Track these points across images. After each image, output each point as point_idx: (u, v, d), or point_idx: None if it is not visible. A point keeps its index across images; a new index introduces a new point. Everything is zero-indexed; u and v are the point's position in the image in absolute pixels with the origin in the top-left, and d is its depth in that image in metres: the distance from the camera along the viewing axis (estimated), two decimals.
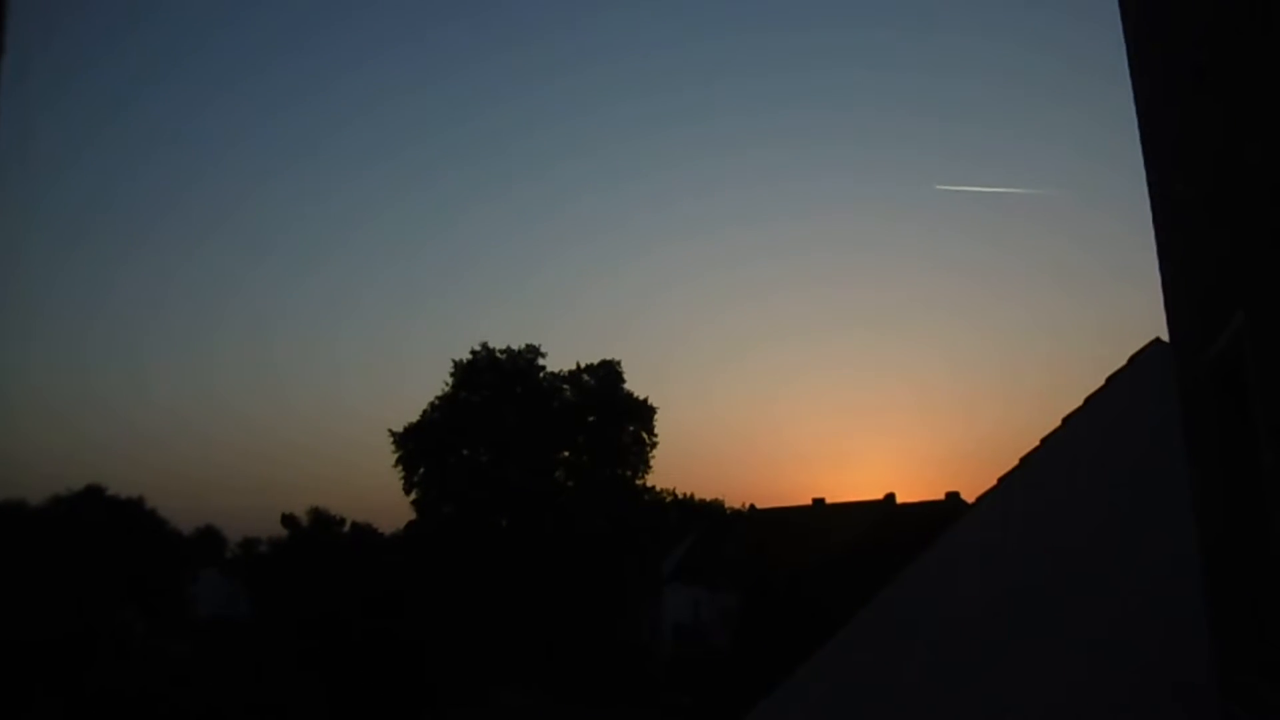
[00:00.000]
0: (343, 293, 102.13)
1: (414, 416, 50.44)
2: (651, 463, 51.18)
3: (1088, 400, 8.17)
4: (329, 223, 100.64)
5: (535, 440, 48.97)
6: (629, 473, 50.90)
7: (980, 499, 8.69)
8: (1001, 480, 8.47)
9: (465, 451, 49.96)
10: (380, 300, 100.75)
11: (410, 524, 52.31)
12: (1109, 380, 8.13)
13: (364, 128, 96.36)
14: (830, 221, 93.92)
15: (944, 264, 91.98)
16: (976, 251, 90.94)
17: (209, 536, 75.61)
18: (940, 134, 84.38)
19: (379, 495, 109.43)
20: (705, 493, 74.20)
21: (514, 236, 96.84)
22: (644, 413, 50.95)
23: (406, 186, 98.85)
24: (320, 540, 61.05)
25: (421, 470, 49.33)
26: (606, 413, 50.44)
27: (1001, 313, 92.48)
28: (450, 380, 50.81)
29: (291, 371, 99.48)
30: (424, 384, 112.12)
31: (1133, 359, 8.06)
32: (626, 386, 51.36)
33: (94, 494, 57.66)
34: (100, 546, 48.28)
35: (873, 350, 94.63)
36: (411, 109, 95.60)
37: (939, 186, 77.45)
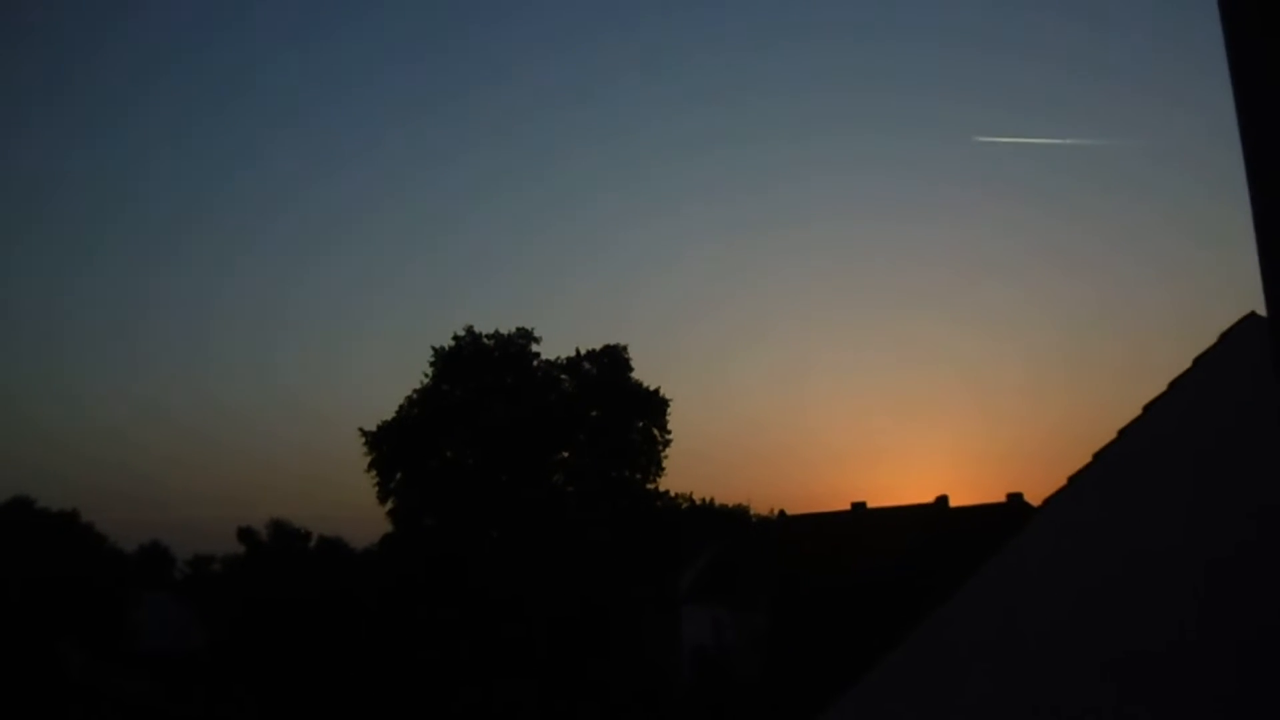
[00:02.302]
0: (301, 272, 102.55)
1: (388, 413, 50.59)
2: (664, 464, 51.22)
3: (1172, 385, 8.15)
4: (276, 189, 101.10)
5: (529, 439, 49.05)
6: (638, 475, 50.95)
7: (1048, 501, 8.70)
8: (1072, 479, 8.47)
9: (448, 453, 50.09)
10: (344, 279, 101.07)
11: (386, 537, 52.51)
12: (1196, 361, 8.12)
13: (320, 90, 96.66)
14: (864, 186, 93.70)
15: (995, 231, 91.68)
16: (1034, 215, 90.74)
17: (155, 554, 76.12)
18: (983, 78, 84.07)
19: (349, 505, 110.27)
20: (727, 498, 74.29)
21: (501, 202, 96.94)
22: (655, 406, 50.96)
23: (365, 144, 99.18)
24: (283, 557, 61.36)
25: (398, 475, 49.47)
26: (612, 406, 50.47)
27: (1066, 287, 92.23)
28: (429, 370, 50.90)
29: (244, 364, 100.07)
30: (399, 375, 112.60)
31: (1224, 336, 8.04)
32: (634, 376, 51.39)
33: (21, 506, 58.04)
34: (30, 566, 48.60)
35: (918, 332, 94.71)
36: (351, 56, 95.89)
37: (979, 139, 77.03)
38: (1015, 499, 40.40)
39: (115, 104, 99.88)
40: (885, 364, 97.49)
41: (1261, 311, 6.85)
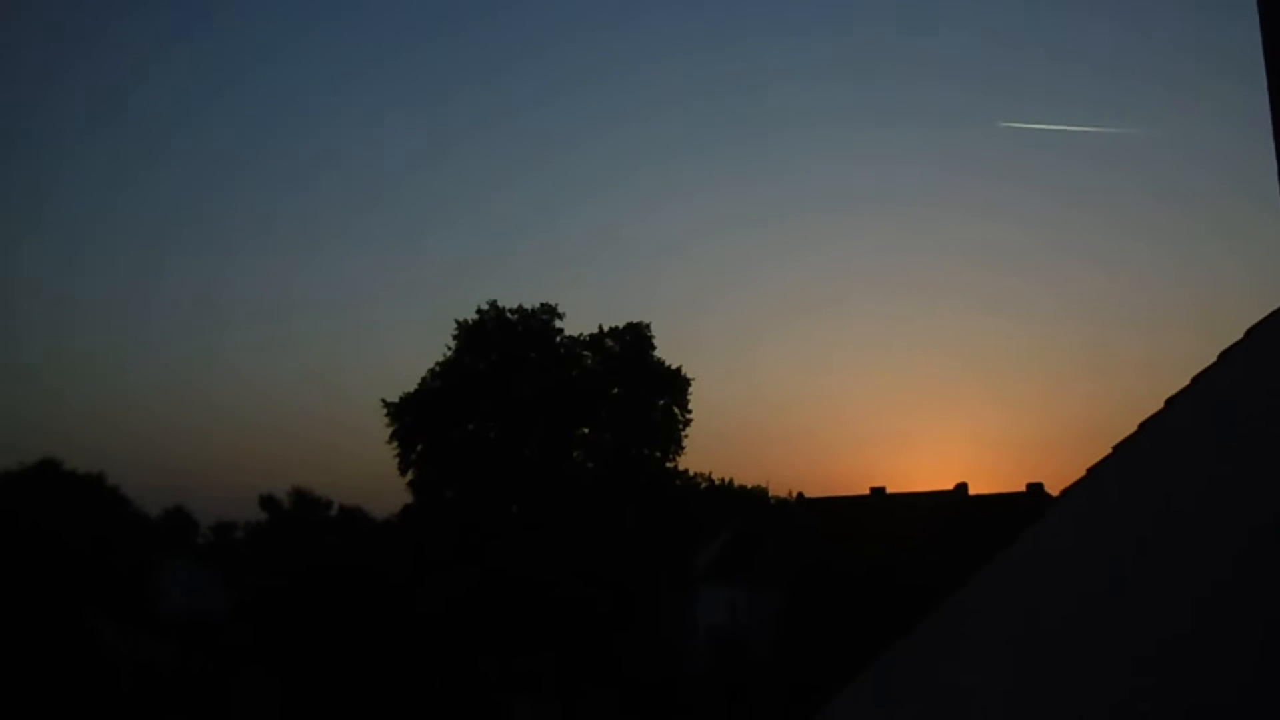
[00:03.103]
0: (327, 245, 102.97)
1: (411, 385, 50.79)
2: (685, 443, 51.26)
3: (1196, 379, 8.09)
4: (303, 159, 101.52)
5: (551, 414, 49.20)
6: (659, 454, 51.03)
7: (1067, 492, 8.68)
8: (1091, 471, 8.44)
9: (470, 426, 50.30)
10: (371, 251, 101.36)
11: (406, 508, 52.88)
12: (1222, 356, 8.05)
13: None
14: (887, 168, 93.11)
15: (1016, 216, 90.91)
16: (1059, 205, 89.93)
17: (178, 519, 76.88)
18: (1003, 63, 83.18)
19: (371, 475, 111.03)
20: (745, 478, 74.35)
21: (527, 176, 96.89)
22: (677, 384, 50.95)
23: (393, 117, 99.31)
24: (304, 525, 61.89)
25: (419, 447, 49.71)
26: (634, 384, 50.50)
27: (1089, 275, 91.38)
28: (453, 344, 51.04)
29: (267, 334, 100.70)
30: (423, 348, 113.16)
31: (1250, 331, 7.97)
32: (657, 354, 51.39)
33: (49, 467, 58.72)
34: (57, 528, 49.19)
35: (940, 317, 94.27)
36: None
37: (1004, 124, 76.29)
38: (1035, 489, 40.37)
39: (125, 83, 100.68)
40: (907, 350, 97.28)
41: None
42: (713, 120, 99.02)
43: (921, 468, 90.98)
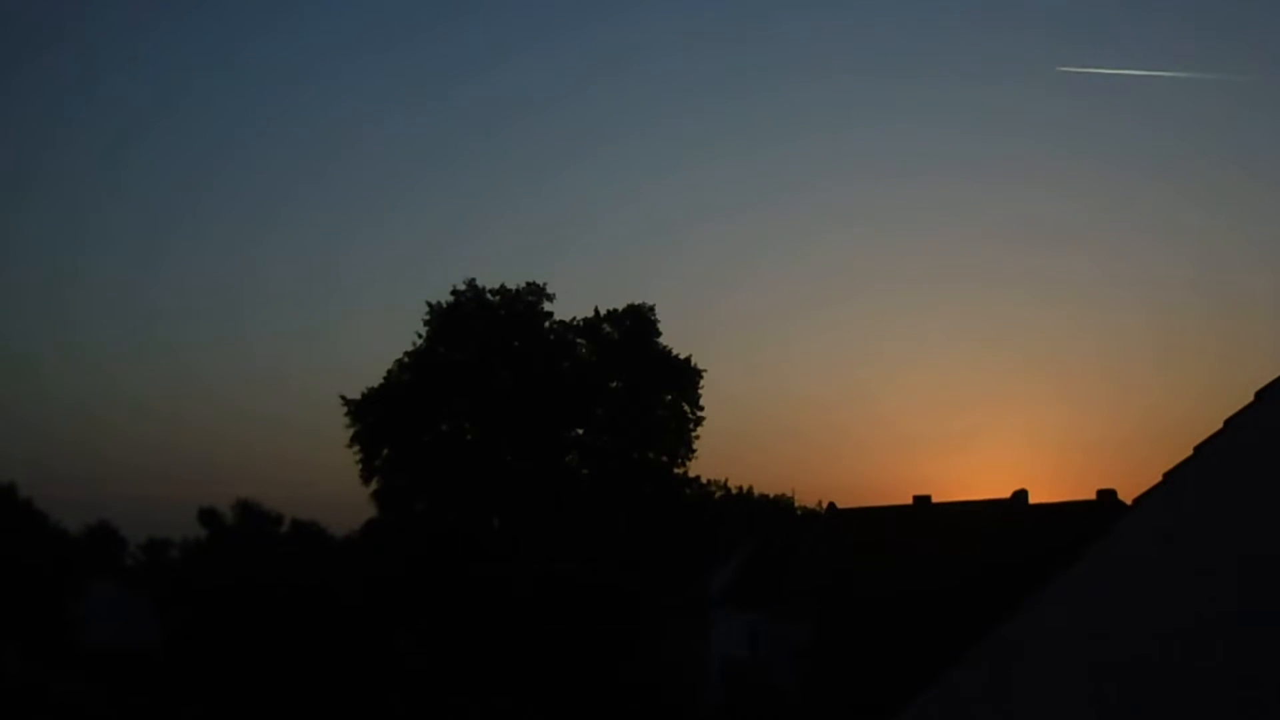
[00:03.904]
0: (270, 216, 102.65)
1: (375, 379, 50.87)
2: (696, 445, 51.35)
3: None
4: (238, 120, 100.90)
5: (538, 411, 49.26)
6: (665, 457, 51.12)
7: (1140, 499, 8.77)
8: (1169, 475, 8.53)
9: (444, 426, 50.38)
10: (326, 222, 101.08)
11: (370, 523, 53.03)
12: None
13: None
14: (927, 130, 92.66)
15: (1076, 184, 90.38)
16: (1123, 167, 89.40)
17: (102, 536, 77.11)
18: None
19: (328, 484, 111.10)
20: (768, 486, 74.63)
21: (510, 134, 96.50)
22: (686, 376, 51.03)
23: (345, 65, 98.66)
24: (251, 543, 62.04)
25: (385, 451, 49.82)
26: (635, 376, 50.58)
27: (1160, 252, 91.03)
28: (423, 330, 51.11)
29: (206, 322, 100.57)
30: (388, 335, 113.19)
31: None
32: (663, 341, 51.44)
33: None
34: None
35: (993, 304, 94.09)
36: None
37: (1062, 68, 76.00)
38: (1107, 496, 40.45)
39: (81, 81, 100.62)
40: (955, 338, 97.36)
41: None
42: (731, 66, 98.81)
43: (973, 473, 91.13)
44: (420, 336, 50.86)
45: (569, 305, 57.11)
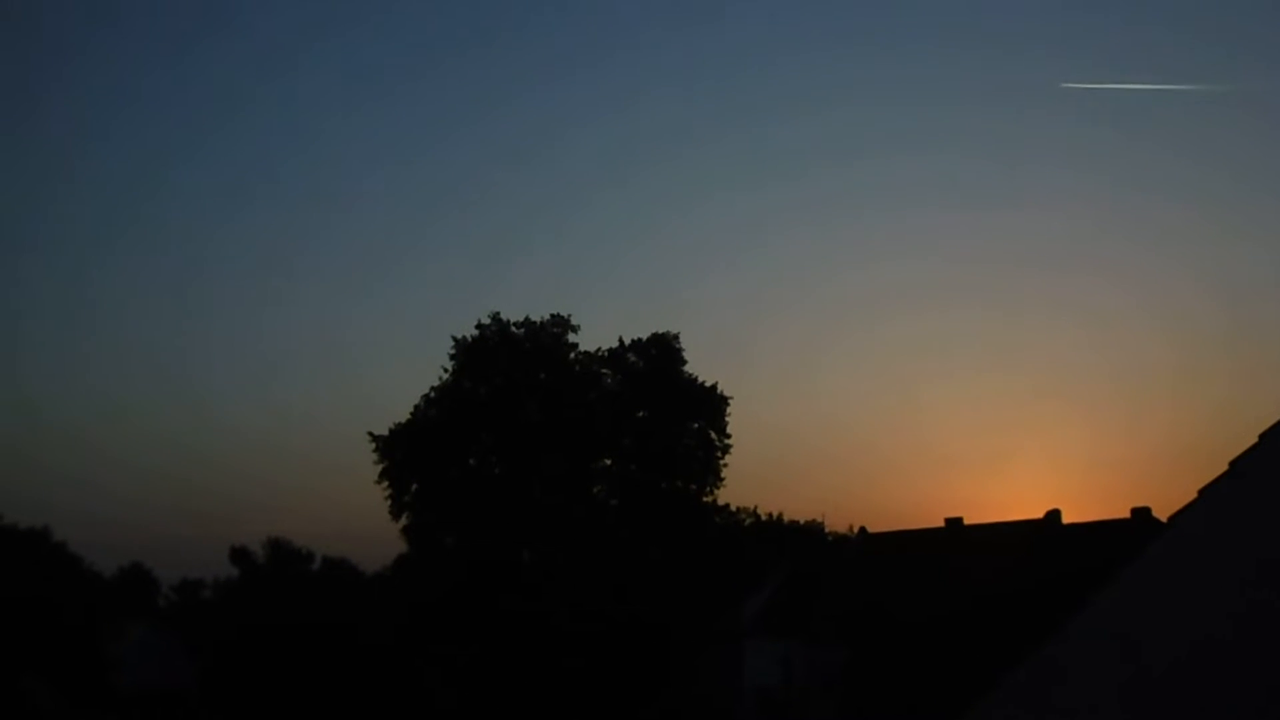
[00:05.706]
0: (296, 250, 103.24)
1: (403, 415, 51.02)
2: (723, 473, 51.25)
3: None
4: (263, 149, 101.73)
5: (566, 443, 49.31)
6: (693, 486, 51.03)
7: (1176, 517, 8.73)
8: (1204, 491, 8.49)
9: (472, 461, 50.45)
10: (352, 260, 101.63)
11: (400, 559, 53.03)
12: None
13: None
14: (949, 158, 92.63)
15: (1113, 197, 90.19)
16: (1143, 188, 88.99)
17: (135, 578, 77.58)
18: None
19: (358, 521, 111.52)
20: (798, 513, 74.43)
21: (536, 168, 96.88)
22: (713, 405, 50.97)
23: (376, 92, 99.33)
24: (282, 581, 62.23)
25: (414, 487, 49.89)
26: (662, 405, 50.56)
27: (1185, 275, 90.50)
28: (450, 365, 51.28)
29: (240, 363, 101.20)
30: (415, 371, 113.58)
31: None
32: (688, 369, 51.45)
33: None
34: None
35: (1022, 323, 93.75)
36: None
37: (1066, 84, 75.91)
38: (1141, 514, 40.19)
39: (106, 112, 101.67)
40: (986, 362, 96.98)
41: None
42: (754, 96, 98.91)
43: (1006, 494, 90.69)
44: (446, 371, 51.10)
45: (594, 336, 57.27)
